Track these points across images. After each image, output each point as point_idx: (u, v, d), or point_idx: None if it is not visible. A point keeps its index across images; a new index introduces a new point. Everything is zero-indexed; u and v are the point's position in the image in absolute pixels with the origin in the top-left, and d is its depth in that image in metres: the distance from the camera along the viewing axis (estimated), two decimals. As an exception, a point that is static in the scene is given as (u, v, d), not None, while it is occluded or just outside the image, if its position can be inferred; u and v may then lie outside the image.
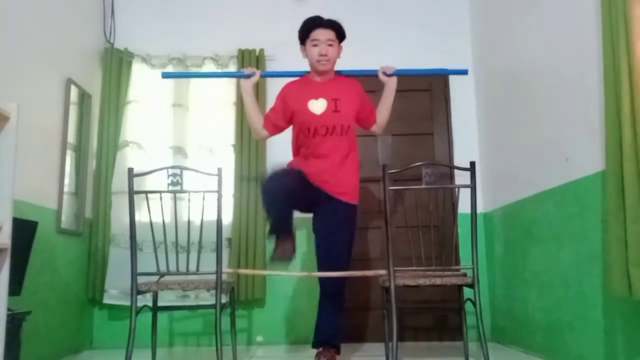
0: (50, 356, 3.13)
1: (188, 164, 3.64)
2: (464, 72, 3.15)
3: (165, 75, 3.19)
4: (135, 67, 3.96)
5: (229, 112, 3.93)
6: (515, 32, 3.32)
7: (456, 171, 3.75)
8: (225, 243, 3.68)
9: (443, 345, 3.62)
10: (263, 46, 3.96)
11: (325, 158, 2.78)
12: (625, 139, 1.97)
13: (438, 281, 2.64)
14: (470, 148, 3.92)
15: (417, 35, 4.10)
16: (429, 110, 4.07)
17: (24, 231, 2.54)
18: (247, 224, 3.77)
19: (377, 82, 2.99)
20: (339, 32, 2.84)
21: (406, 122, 4.02)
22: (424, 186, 2.67)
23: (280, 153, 3.19)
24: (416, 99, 4.05)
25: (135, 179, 2.67)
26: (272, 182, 2.65)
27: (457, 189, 2.73)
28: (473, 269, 2.62)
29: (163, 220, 2.79)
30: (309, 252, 3.51)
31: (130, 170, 2.68)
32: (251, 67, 3.03)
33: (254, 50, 3.98)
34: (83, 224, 3.62)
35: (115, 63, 3.94)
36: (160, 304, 2.96)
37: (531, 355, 3.04)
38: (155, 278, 2.73)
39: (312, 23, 2.81)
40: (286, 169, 2.78)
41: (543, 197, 2.92)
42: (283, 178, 2.68)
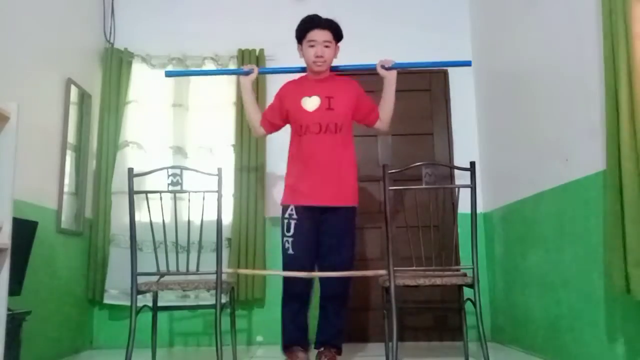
0: (50, 356, 3.13)
1: (188, 164, 3.64)
2: (468, 64, 3.12)
3: (168, 74, 3.23)
4: (135, 67, 3.96)
5: (229, 112, 3.93)
6: (515, 32, 3.32)
7: (456, 171, 3.75)
8: (225, 243, 3.67)
9: (443, 345, 3.61)
10: (263, 46, 3.96)
11: (317, 156, 2.77)
12: (623, 139, 1.97)
13: (438, 281, 2.64)
14: (470, 148, 3.92)
15: (417, 35, 4.10)
16: (429, 110, 4.07)
17: (24, 231, 2.54)
18: (247, 224, 3.76)
19: (377, 82, 2.98)
20: (336, 33, 2.84)
21: (406, 122, 4.02)
22: (424, 186, 2.67)
23: (280, 153, 3.18)
24: (416, 99, 4.05)
25: (135, 179, 2.67)
26: (290, 301, 2.82)
27: (457, 189, 2.73)
28: (473, 269, 2.62)
29: (163, 220, 2.79)
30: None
31: (130, 170, 2.68)
32: (250, 64, 3.03)
33: (254, 50, 3.98)
34: (83, 224, 3.62)
35: (115, 63, 3.94)
36: (160, 304, 2.96)
37: (531, 355, 3.04)
38: (155, 278, 2.73)
39: (310, 23, 2.80)
40: (293, 283, 2.81)
41: (543, 197, 2.92)
42: (295, 290, 2.81)
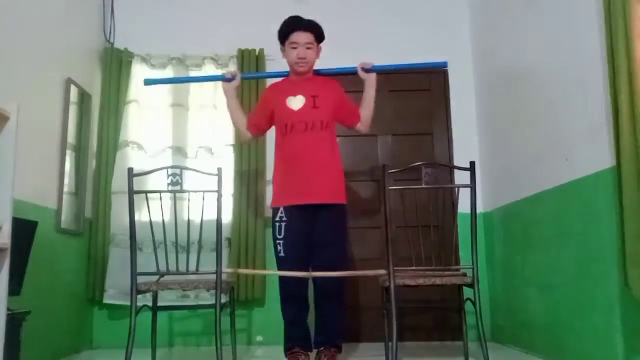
0: (50, 356, 3.13)
1: (188, 164, 3.64)
2: (444, 65, 3.16)
3: (147, 82, 3.16)
4: (135, 67, 3.96)
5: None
6: (515, 32, 3.32)
7: (456, 171, 3.75)
8: (225, 243, 3.67)
9: (443, 345, 3.61)
10: (263, 46, 3.96)
11: (305, 154, 2.77)
12: (624, 139, 1.97)
13: (438, 281, 2.64)
14: (470, 148, 3.92)
15: (417, 34, 4.10)
16: (429, 110, 4.07)
17: (24, 231, 2.54)
18: (247, 224, 3.76)
19: (360, 82, 2.97)
20: (318, 34, 2.85)
21: (406, 122, 4.02)
22: (424, 186, 2.67)
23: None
24: (416, 99, 4.06)
25: (135, 179, 2.67)
26: (289, 299, 2.82)
27: (457, 189, 2.73)
28: (473, 269, 2.62)
29: (163, 220, 2.79)
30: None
31: (130, 170, 2.68)
32: (232, 71, 3.03)
33: (254, 50, 3.98)
34: (83, 224, 3.62)
35: (115, 63, 3.94)
36: (160, 304, 2.96)
37: (531, 355, 3.04)
38: (155, 278, 2.73)
39: (291, 26, 2.82)
40: (289, 283, 2.80)
41: (543, 197, 2.92)
42: (291, 289, 2.80)
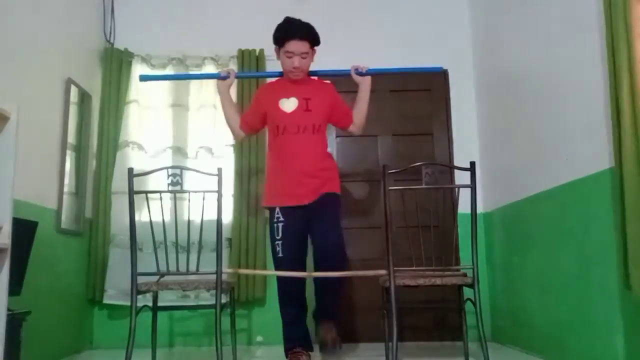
0: (50, 356, 3.13)
1: (188, 164, 3.64)
2: (438, 70, 3.18)
3: (142, 78, 3.14)
4: (135, 67, 3.96)
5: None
6: (515, 32, 3.32)
7: (456, 171, 3.75)
8: (225, 243, 3.67)
9: (443, 345, 3.61)
10: (263, 46, 3.95)
11: (297, 156, 2.77)
12: (625, 139, 1.97)
13: (438, 281, 2.64)
14: (470, 148, 3.92)
15: (417, 34, 4.11)
16: (429, 110, 4.07)
17: (24, 231, 2.54)
18: (247, 224, 3.77)
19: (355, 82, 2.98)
20: (314, 41, 2.83)
21: (406, 122, 4.02)
22: (424, 186, 2.67)
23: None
24: (416, 99, 4.05)
25: (135, 179, 2.67)
26: (287, 299, 2.81)
27: (457, 189, 2.73)
28: (473, 269, 2.62)
29: (163, 220, 2.79)
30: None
31: (130, 170, 2.68)
32: (227, 69, 3.03)
33: (254, 50, 3.98)
34: (83, 224, 3.62)
35: (115, 63, 3.94)
36: (160, 304, 2.96)
37: (531, 355, 3.04)
38: (155, 278, 2.73)
39: (287, 34, 2.77)
40: (286, 283, 2.80)
41: (543, 197, 2.92)
42: (289, 289, 2.80)
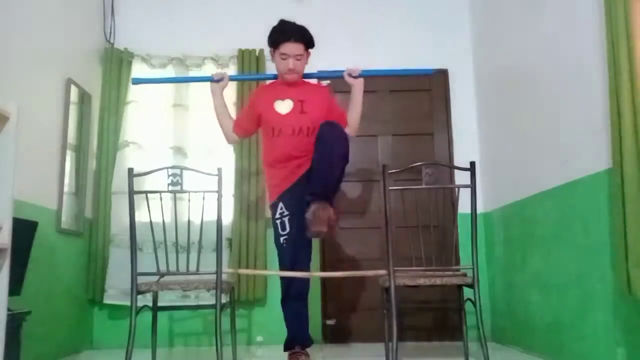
0: (50, 356, 3.13)
1: (188, 164, 3.63)
2: (428, 72, 3.21)
3: (135, 81, 3.12)
4: (135, 67, 3.96)
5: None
6: (515, 32, 3.32)
7: (456, 171, 3.75)
8: (225, 243, 3.67)
9: (443, 345, 3.62)
10: (263, 46, 3.92)
11: (292, 158, 2.76)
12: (625, 139, 1.97)
13: (438, 281, 2.64)
14: (470, 148, 3.92)
15: (417, 35, 4.10)
16: (429, 110, 4.07)
17: (24, 231, 2.54)
18: (247, 224, 3.77)
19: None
20: (308, 43, 2.83)
21: (406, 122, 4.02)
22: (424, 186, 2.67)
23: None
24: (416, 99, 4.06)
25: (135, 179, 2.66)
26: (289, 297, 2.79)
27: (457, 189, 2.73)
28: (473, 269, 2.62)
29: (163, 220, 2.79)
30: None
31: (130, 170, 2.68)
32: (220, 72, 3.03)
33: (254, 50, 3.98)
34: (83, 224, 3.62)
35: (115, 63, 3.94)
36: (160, 304, 2.96)
37: (531, 355, 3.04)
38: (155, 278, 2.73)
39: (282, 36, 2.78)
40: (287, 284, 2.80)
41: (543, 197, 2.92)
42: (291, 287, 2.78)
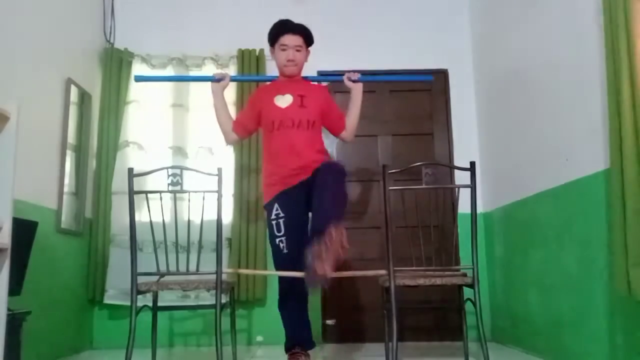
0: (50, 356, 3.13)
1: (188, 164, 3.64)
2: (428, 79, 3.22)
3: (137, 78, 3.12)
4: (135, 67, 3.96)
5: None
6: (515, 32, 3.32)
7: (456, 171, 3.75)
8: (225, 243, 3.68)
9: (443, 345, 3.62)
10: (263, 46, 3.94)
11: (292, 150, 2.70)
12: (625, 139, 1.97)
13: (438, 281, 2.64)
14: (470, 148, 3.93)
15: (417, 35, 4.11)
16: (429, 110, 4.07)
17: (24, 231, 2.54)
18: (247, 224, 3.77)
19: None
20: (307, 38, 2.85)
21: (406, 122, 4.03)
22: (424, 186, 2.67)
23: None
24: (416, 99, 4.06)
25: (135, 179, 2.67)
26: (288, 295, 2.69)
27: (457, 189, 2.73)
28: (473, 269, 2.62)
29: (163, 220, 2.79)
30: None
31: (130, 170, 2.68)
32: (221, 72, 3.03)
33: (254, 50, 3.98)
34: (83, 224, 3.62)
35: (115, 63, 3.94)
36: (160, 304, 2.96)
37: (531, 355, 3.04)
38: (155, 278, 2.73)
39: (281, 28, 2.81)
40: (286, 282, 2.70)
41: (543, 197, 2.92)
42: (291, 286, 2.67)
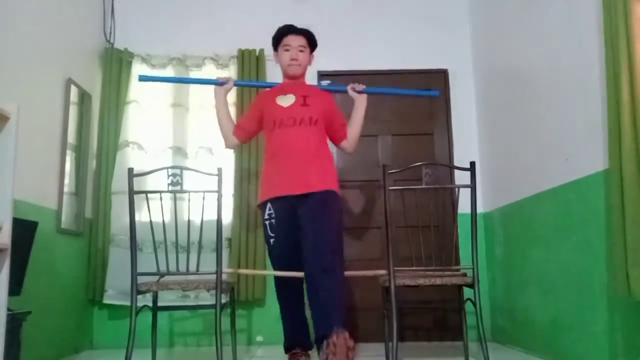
0: (50, 356, 3.13)
1: (188, 164, 3.64)
2: (435, 94, 3.22)
3: (141, 78, 3.08)
4: (135, 67, 3.96)
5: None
6: (515, 32, 3.32)
7: (456, 171, 3.75)
8: (225, 243, 3.67)
9: (443, 345, 3.61)
10: (263, 46, 3.95)
11: (293, 147, 2.70)
12: (625, 139, 1.97)
13: (438, 281, 2.64)
14: (470, 148, 3.93)
15: (417, 35, 4.11)
16: (429, 110, 4.07)
17: (24, 231, 2.54)
18: (247, 224, 3.77)
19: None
20: (311, 40, 2.88)
21: (406, 122, 4.02)
22: (424, 186, 2.67)
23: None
24: (416, 99, 4.04)
25: (135, 179, 2.67)
26: (284, 293, 2.80)
27: (457, 189, 2.73)
28: (473, 269, 2.62)
29: (163, 220, 2.80)
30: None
31: (130, 170, 2.68)
32: (225, 76, 3.03)
33: (254, 50, 3.98)
34: (83, 224, 3.62)
35: (115, 63, 3.94)
36: (160, 304, 2.96)
37: (531, 355, 3.04)
38: (155, 278, 2.73)
39: (285, 29, 2.87)
40: (281, 283, 2.79)
41: (543, 197, 2.92)
42: (286, 287, 2.78)
